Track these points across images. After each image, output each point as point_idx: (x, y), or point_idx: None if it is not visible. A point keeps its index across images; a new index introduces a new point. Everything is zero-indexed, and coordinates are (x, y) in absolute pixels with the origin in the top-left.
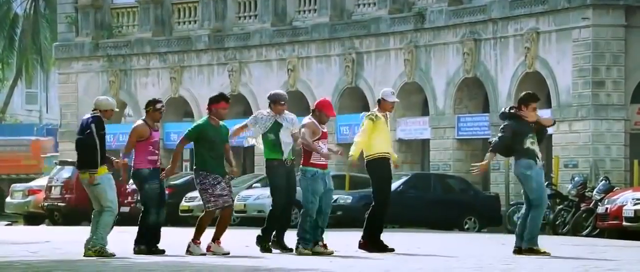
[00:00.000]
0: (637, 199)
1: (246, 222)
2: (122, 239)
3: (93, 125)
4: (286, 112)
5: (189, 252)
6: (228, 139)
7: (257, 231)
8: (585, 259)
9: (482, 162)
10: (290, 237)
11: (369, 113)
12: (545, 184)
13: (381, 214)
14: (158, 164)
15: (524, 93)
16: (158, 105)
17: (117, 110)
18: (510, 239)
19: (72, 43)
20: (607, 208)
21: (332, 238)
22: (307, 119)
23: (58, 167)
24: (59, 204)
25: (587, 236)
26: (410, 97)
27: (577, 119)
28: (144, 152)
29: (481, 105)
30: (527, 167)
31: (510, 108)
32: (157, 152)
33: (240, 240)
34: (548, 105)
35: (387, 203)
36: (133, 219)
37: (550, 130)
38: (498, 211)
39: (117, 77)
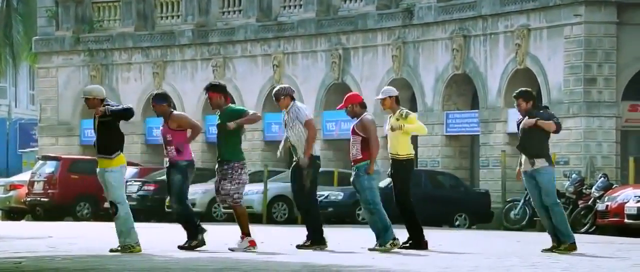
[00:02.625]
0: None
1: (233, 219)
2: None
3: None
4: (295, 104)
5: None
6: (227, 122)
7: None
8: (621, 258)
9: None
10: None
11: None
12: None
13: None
14: (166, 158)
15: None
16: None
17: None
18: (520, 236)
19: (52, 37)
20: (607, 205)
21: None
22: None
23: (40, 162)
24: (41, 199)
25: (585, 233)
26: (398, 93)
27: (569, 116)
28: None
29: (470, 102)
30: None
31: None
32: (166, 147)
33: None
34: (539, 102)
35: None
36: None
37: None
38: (488, 208)
39: (99, 71)
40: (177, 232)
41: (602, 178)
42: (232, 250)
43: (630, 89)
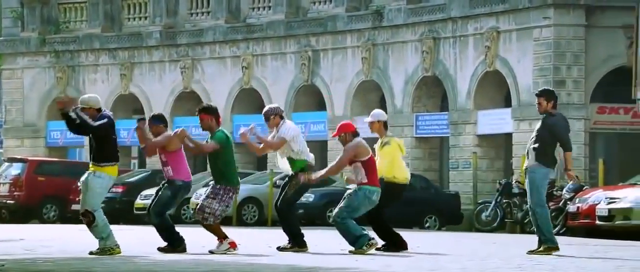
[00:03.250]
0: (611, 199)
1: None
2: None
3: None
4: (285, 123)
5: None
6: (212, 144)
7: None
8: (603, 259)
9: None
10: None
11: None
12: (513, 182)
13: None
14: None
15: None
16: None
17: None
18: (497, 238)
19: (17, 38)
20: (578, 207)
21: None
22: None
23: (6, 164)
24: (7, 201)
25: (556, 234)
26: (368, 95)
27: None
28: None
29: (439, 104)
30: None
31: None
32: (163, 167)
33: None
34: (508, 104)
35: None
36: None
37: (510, 128)
38: (458, 209)
39: (65, 73)
40: (148, 235)
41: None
42: (211, 252)
43: (598, 91)
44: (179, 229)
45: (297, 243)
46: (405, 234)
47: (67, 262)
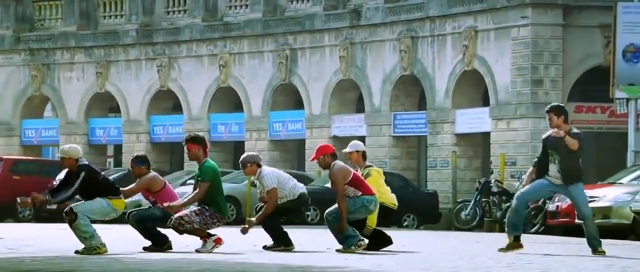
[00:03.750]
0: (590, 198)
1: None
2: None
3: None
4: (262, 171)
5: (197, 251)
6: (202, 177)
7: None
8: (590, 259)
9: None
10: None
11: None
12: (492, 181)
13: None
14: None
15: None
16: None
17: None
18: (479, 237)
19: None
20: (557, 206)
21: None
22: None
23: None
24: None
25: (535, 233)
26: (345, 94)
27: (516, 117)
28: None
29: (417, 103)
30: None
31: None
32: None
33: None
34: (486, 103)
35: None
36: (61, 217)
37: (488, 127)
38: (436, 208)
39: (40, 71)
40: (128, 234)
41: None
42: (198, 251)
43: (575, 90)
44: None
45: (284, 243)
46: (405, 233)
47: (56, 261)
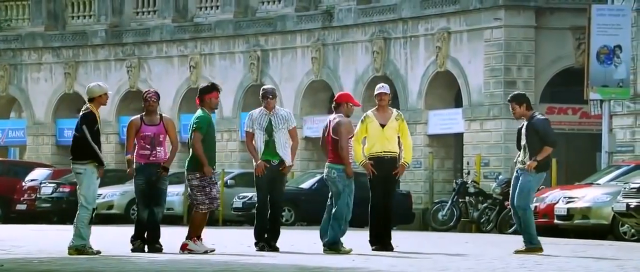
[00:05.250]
0: (569, 198)
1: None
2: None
3: (85, 127)
4: (278, 107)
5: (188, 250)
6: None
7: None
8: (587, 258)
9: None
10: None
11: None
12: (469, 182)
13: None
14: (152, 159)
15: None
16: (146, 95)
17: (110, 93)
18: (463, 238)
19: None
20: (536, 206)
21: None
22: (339, 117)
23: None
24: None
25: (513, 233)
26: (317, 94)
27: (489, 118)
28: (136, 147)
29: (390, 104)
30: None
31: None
32: (148, 146)
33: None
34: (459, 104)
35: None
36: (31, 217)
37: (461, 128)
38: (410, 209)
39: (7, 71)
40: (107, 234)
41: None
42: (190, 251)
43: (547, 91)
44: (127, 229)
45: (264, 241)
46: (360, 234)
47: (70, 262)
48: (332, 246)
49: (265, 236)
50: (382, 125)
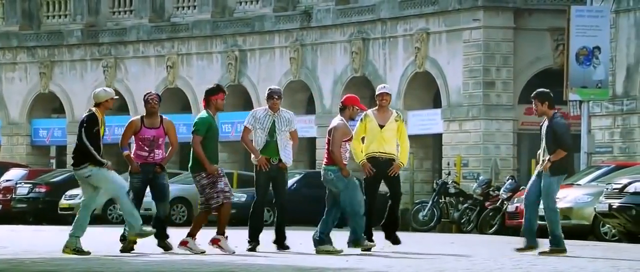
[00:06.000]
0: None
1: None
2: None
3: (83, 130)
4: (282, 109)
5: (219, 246)
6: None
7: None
8: (579, 259)
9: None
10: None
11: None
12: (449, 182)
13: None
14: (149, 160)
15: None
16: (147, 97)
17: (116, 97)
18: (445, 238)
19: None
20: (516, 207)
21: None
22: (338, 121)
23: None
24: None
25: (494, 234)
26: (296, 95)
27: (468, 119)
28: (134, 147)
29: (368, 105)
30: None
31: None
32: (147, 148)
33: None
34: (437, 105)
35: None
36: (6, 218)
37: (440, 128)
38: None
39: None
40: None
41: (510, 180)
42: (190, 249)
43: (525, 92)
44: (108, 229)
45: (256, 241)
46: (339, 234)
47: (64, 262)
48: (355, 242)
49: (259, 236)
50: (381, 126)
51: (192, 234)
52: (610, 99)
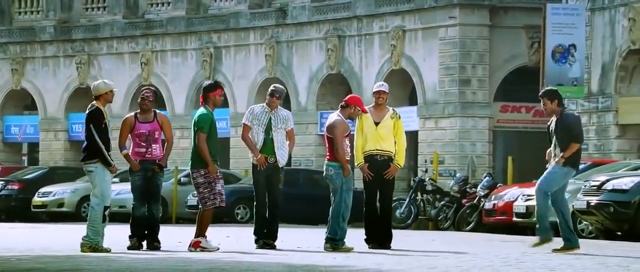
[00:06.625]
0: (528, 195)
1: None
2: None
3: (92, 125)
4: (280, 107)
5: (201, 248)
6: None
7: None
8: (566, 256)
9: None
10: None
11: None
12: (426, 179)
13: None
14: (147, 156)
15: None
16: (143, 93)
17: (116, 89)
18: (425, 235)
19: None
20: (494, 204)
21: (217, 234)
22: (336, 117)
23: None
24: None
25: (471, 231)
26: None
27: (444, 117)
28: (132, 144)
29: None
30: None
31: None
32: (144, 144)
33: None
34: (414, 102)
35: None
36: None
37: (416, 126)
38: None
39: None
40: (67, 233)
41: (487, 177)
42: (203, 249)
43: (501, 90)
44: (79, 226)
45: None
46: (314, 232)
47: (51, 261)
48: (332, 242)
49: (265, 232)
50: (376, 123)
51: (201, 234)
52: (585, 96)
